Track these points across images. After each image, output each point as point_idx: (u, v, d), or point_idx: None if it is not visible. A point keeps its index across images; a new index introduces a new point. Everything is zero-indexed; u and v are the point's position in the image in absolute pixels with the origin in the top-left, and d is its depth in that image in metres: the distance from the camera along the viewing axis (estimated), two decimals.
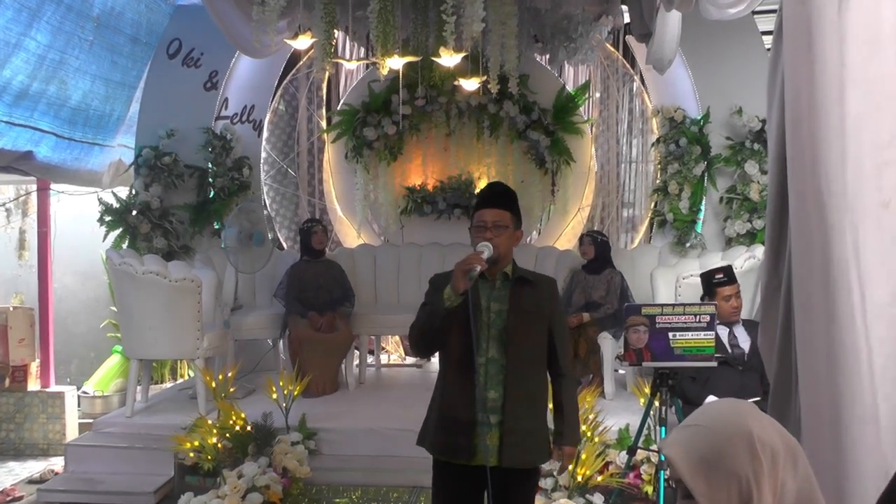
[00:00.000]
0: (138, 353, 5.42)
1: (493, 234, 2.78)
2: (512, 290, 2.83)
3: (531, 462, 2.84)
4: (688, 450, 1.36)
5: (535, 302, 2.83)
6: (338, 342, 5.89)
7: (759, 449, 1.33)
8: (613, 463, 4.52)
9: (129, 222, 6.49)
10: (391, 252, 7.15)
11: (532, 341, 2.82)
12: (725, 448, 1.34)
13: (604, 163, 7.71)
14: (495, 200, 2.85)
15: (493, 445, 2.75)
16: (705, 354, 3.69)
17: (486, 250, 2.72)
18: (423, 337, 2.82)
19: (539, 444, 2.85)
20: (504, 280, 2.86)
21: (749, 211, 6.29)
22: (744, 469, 1.32)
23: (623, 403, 5.47)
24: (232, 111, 7.06)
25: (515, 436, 2.76)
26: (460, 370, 2.76)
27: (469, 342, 2.67)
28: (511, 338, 2.79)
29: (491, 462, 2.71)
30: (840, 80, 2.19)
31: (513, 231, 2.84)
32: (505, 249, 2.81)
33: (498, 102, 7.03)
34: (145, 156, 6.55)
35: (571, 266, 6.21)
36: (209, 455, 4.65)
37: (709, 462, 1.34)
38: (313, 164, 7.98)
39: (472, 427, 2.75)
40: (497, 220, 2.79)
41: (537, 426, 2.84)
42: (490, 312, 2.82)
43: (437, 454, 2.88)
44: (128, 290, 5.31)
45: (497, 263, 2.81)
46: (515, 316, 2.80)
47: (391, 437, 4.93)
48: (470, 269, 2.63)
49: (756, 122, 6.28)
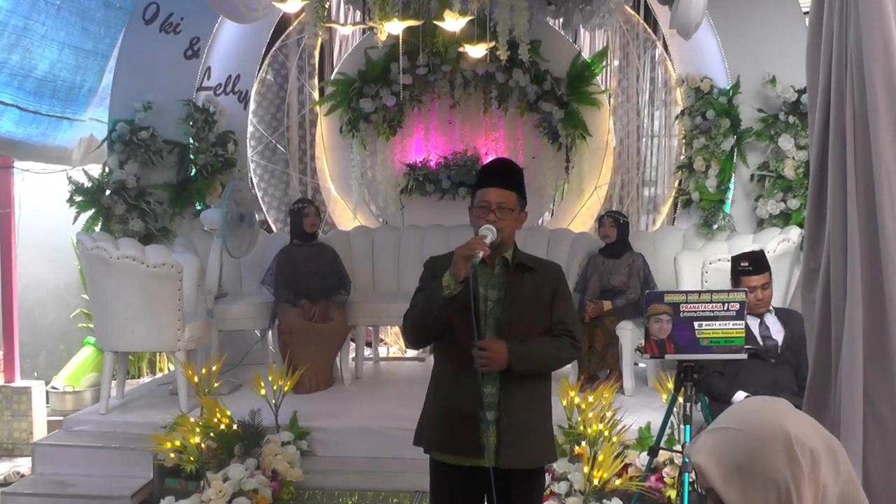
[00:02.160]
0: (113, 345, 5.41)
1: (498, 217, 2.77)
2: (510, 277, 2.82)
3: (531, 462, 2.83)
4: (719, 456, 1.36)
5: (536, 290, 2.82)
6: (332, 333, 5.88)
7: (797, 451, 1.32)
8: (633, 465, 4.53)
9: (102, 203, 6.47)
10: (390, 235, 7.14)
11: (531, 333, 2.81)
12: (761, 452, 1.33)
13: (623, 137, 7.68)
14: (500, 179, 2.83)
15: (491, 444, 2.75)
16: (734, 346, 3.67)
17: (489, 234, 2.71)
18: (417, 327, 2.82)
19: (539, 443, 2.85)
20: (504, 266, 2.85)
21: (783, 189, 6.25)
22: (782, 474, 1.32)
23: (644, 400, 5.46)
24: (215, 81, 7.03)
25: (513, 434, 2.77)
26: (460, 362, 2.76)
27: (469, 332, 2.68)
28: (507, 328, 2.78)
29: (490, 461, 2.70)
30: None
31: (517, 213, 2.83)
32: (509, 232, 2.81)
33: (507, 71, 7.01)
34: (120, 130, 6.51)
35: (588, 250, 6.19)
36: (191, 456, 4.65)
37: (743, 468, 1.34)
38: (305, 140, 7.96)
39: (472, 423, 2.75)
40: (502, 202, 2.78)
41: (537, 424, 2.84)
42: (487, 301, 2.82)
43: (435, 452, 2.89)
44: (101, 276, 5.30)
45: (498, 248, 2.81)
46: (512, 305, 2.80)
47: (390, 436, 4.93)
48: (472, 255, 2.62)
49: (791, 93, 6.23)
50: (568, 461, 4.52)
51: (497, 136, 7.27)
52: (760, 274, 4.40)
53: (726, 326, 3.67)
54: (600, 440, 4.50)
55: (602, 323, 5.59)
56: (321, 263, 6.14)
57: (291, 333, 5.76)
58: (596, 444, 4.48)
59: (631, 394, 5.63)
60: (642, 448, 4.53)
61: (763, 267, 4.43)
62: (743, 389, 4.15)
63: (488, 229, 2.72)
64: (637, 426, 4.75)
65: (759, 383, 4.14)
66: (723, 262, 5.31)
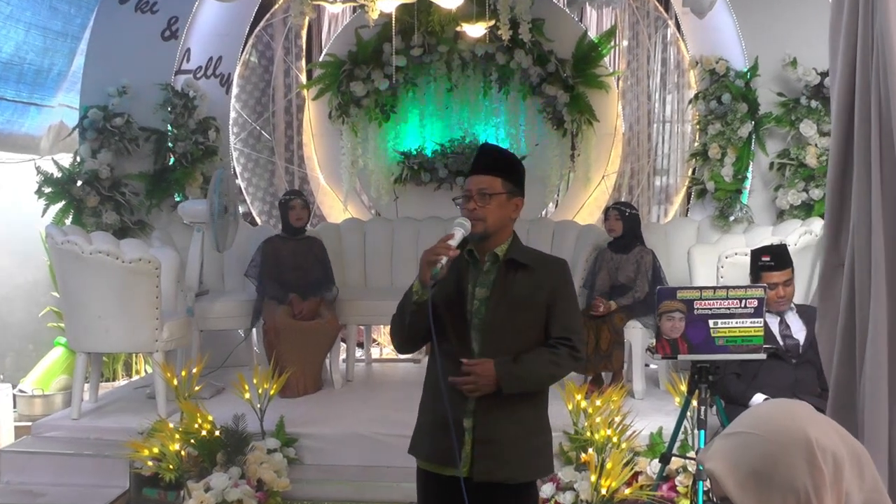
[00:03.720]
0: (86, 346, 5.41)
1: (478, 205, 2.74)
2: (499, 275, 2.79)
3: (511, 477, 2.78)
4: (735, 462, 1.36)
5: (529, 290, 2.77)
6: (321, 332, 5.88)
7: (819, 457, 1.32)
8: (643, 473, 4.53)
9: (73, 194, 6.47)
10: (383, 227, 7.15)
11: (518, 336, 2.78)
12: (779, 458, 1.33)
13: (632, 123, 7.67)
14: (481, 164, 2.82)
15: (467, 454, 2.75)
16: (752, 345, 3.68)
17: (460, 231, 2.69)
18: (396, 333, 2.85)
19: (523, 456, 2.80)
20: (494, 262, 2.82)
21: (805, 179, 6.26)
22: (802, 481, 1.32)
23: (655, 403, 5.47)
24: (195, 64, 7.02)
25: (489, 445, 2.75)
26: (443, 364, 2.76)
27: (456, 334, 2.71)
28: (490, 330, 2.76)
29: (463, 473, 2.70)
30: None
31: (506, 199, 2.79)
32: (495, 222, 2.76)
33: (508, 52, 7.01)
34: (92, 117, 6.51)
35: (595, 244, 6.19)
36: (171, 464, 4.64)
37: (760, 476, 1.34)
38: (291, 126, 7.96)
39: (457, 432, 2.73)
40: (483, 188, 2.75)
41: (521, 435, 2.79)
42: (474, 300, 2.79)
43: (421, 462, 2.90)
44: (73, 272, 5.29)
45: (487, 240, 2.79)
46: (498, 305, 2.76)
47: (384, 443, 4.93)
48: (436, 261, 2.60)
49: (814, 76, 6.23)
50: (574, 469, 4.52)
51: (497, 122, 7.27)
52: (783, 270, 4.41)
53: (744, 324, 3.68)
54: (608, 447, 4.50)
55: (609, 321, 5.58)
56: (309, 257, 6.13)
57: (277, 333, 5.75)
58: (604, 451, 4.48)
59: (641, 397, 5.63)
60: (653, 455, 4.53)
61: (785, 262, 4.44)
62: (761, 392, 4.16)
63: (460, 225, 2.71)
64: (648, 431, 4.75)
65: (779, 385, 4.14)
66: (740, 256, 5.32)
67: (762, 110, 6.47)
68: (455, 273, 2.77)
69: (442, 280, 2.66)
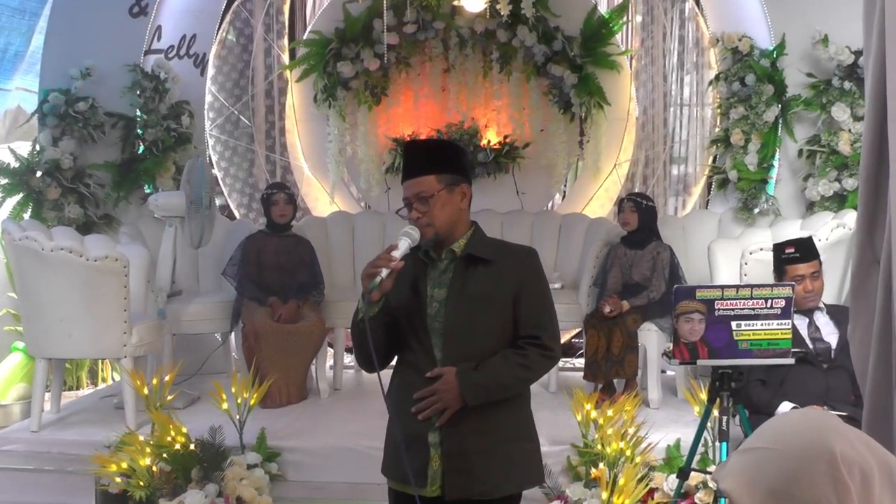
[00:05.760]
0: (47, 352, 5.42)
1: (420, 211, 2.77)
2: (456, 273, 2.81)
3: (487, 492, 2.79)
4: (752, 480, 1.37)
5: (490, 286, 2.78)
6: (306, 336, 5.89)
7: (844, 472, 1.32)
8: (660, 490, 4.53)
9: (32, 186, 6.47)
10: (374, 221, 7.15)
11: (482, 338, 2.79)
12: (800, 475, 1.33)
13: (647, 106, 7.68)
14: (409, 168, 2.84)
15: (435, 471, 2.77)
16: (779, 349, 3.68)
17: (406, 241, 2.73)
18: (356, 353, 2.93)
19: (499, 467, 2.81)
20: (451, 259, 2.84)
21: (837, 167, 6.26)
22: (826, 499, 1.32)
23: (672, 413, 5.49)
24: (166, 43, 7.02)
25: (459, 460, 2.76)
26: (402, 377, 2.87)
27: (417, 340, 2.78)
28: (451, 333, 2.78)
29: (433, 491, 2.74)
30: None
31: (447, 193, 2.79)
32: (445, 222, 2.78)
33: (510, 28, 7.00)
34: (53, 101, 6.50)
35: (607, 238, 6.20)
36: (141, 480, 4.64)
37: (780, 494, 1.34)
38: (273, 111, 7.94)
39: (419, 447, 2.78)
40: (419, 191, 2.78)
41: (495, 444, 2.80)
42: (434, 302, 2.81)
43: (390, 481, 2.93)
44: (32, 271, 5.29)
45: (440, 242, 2.81)
46: (457, 305, 2.78)
47: (375, 458, 4.77)
48: (375, 274, 2.65)
49: (847, 55, 6.23)
50: (583, 486, 4.53)
51: (499, 106, 7.26)
52: (809, 261, 4.41)
53: (770, 326, 3.68)
54: (621, 461, 4.50)
55: (622, 323, 5.58)
56: (294, 257, 6.14)
57: (258, 337, 5.76)
58: (616, 466, 4.48)
59: (657, 406, 5.65)
60: (671, 470, 4.53)
61: (812, 254, 4.44)
62: (789, 400, 4.15)
63: (406, 235, 2.74)
64: (664, 444, 4.76)
65: (809, 393, 4.14)
66: (765, 253, 5.32)
67: (790, 92, 6.47)
68: (411, 276, 2.80)
69: (397, 286, 2.71)
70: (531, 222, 6.91)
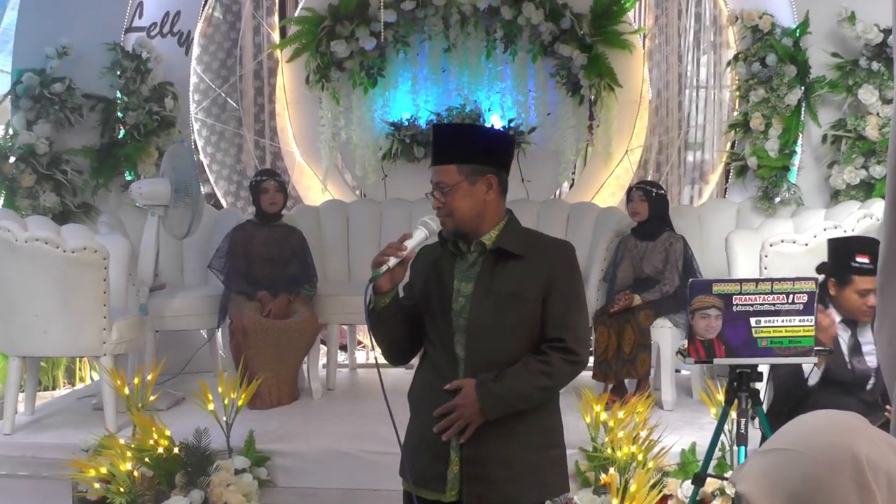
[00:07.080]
0: (21, 350, 5.41)
1: (441, 200, 2.80)
2: (484, 267, 2.83)
3: (506, 501, 2.84)
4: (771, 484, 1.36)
5: (517, 282, 2.80)
6: (297, 333, 5.89)
7: (869, 477, 1.32)
8: (674, 497, 4.55)
9: (4, 173, 6.48)
10: (370, 210, 7.16)
11: (508, 337, 2.81)
12: (823, 479, 1.33)
13: (661, 88, 7.68)
14: (436, 153, 2.88)
15: (455, 475, 2.81)
16: (801, 347, 3.67)
17: (421, 231, 2.79)
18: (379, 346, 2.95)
19: (521, 475, 2.83)
20: (481, 252, 2.85)
21: (864, 153, 6.26)
22: None
23: (687, 415, 5.49)
24: (148, 20, 7.01)
25: (478, 466, 2.79)
26: (423, 375, 2.90)
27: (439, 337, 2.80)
28: (475, 331, 2.81)
29: (451, 496, 2.78)
30: None
31: (467, 187, 2.80)
32: (466, 213, 2.79)
33: (515, 5, 7.01)
34: (27, 82, 6.49)
35: (617, 229, 6.20)
36: (121, 487, 4.65)
37: (800, 499, 1.33)
38: (262, 93, 7.97)
39: (438, 450, 2.81)
40: (439, 181, 2.81)
41: (517, 451, 2.83)
42: (459, 296, 2.84)
43: (405, 483, 2.94)
44: (4, 264, 5.28)
45: (469, 233, 2.83)
46: (482, 302, 2.80)
47: (371, 463, 4.94)
48: (382, 263, 2.72)
49: (875, 33, 6.22)
50: (592, 492, 4.53)
51: (503, 88, 7.27)
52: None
53: (791, 323, 3.67)
54: (633, 466, 4.50)
55: (633, 319, 5.58)
56: (284, 249, 6.14)
57: (246, 334, 5.76)
58: (627, 471, 4.49)
59: (671, 408, 5.65)
60: (685, 476, 4.54)
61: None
62: None
63: (424, 224, 2.80)
64: (679, 448, 4.76)
65: None
66: (786, 245, 5.32)
67: (813, 74, 6.47)
68: (438, 268, 2.84)
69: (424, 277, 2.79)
70: (537, 212, 6.89)
